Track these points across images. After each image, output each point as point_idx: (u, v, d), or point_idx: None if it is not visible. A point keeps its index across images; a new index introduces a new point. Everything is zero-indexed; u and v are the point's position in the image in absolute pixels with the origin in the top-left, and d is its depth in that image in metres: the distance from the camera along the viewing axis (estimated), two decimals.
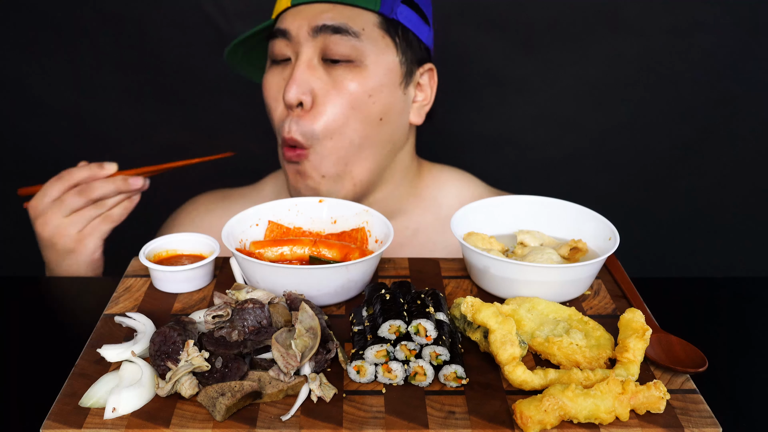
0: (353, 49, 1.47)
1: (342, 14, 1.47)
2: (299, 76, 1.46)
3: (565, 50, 2.20)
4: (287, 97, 1.46)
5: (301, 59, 1.48)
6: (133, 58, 2.23)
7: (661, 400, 0.92)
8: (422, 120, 1.63)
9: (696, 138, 2.29)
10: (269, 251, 1.24)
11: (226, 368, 0.96)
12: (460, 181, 1.77)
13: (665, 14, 2.15)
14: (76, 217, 1.46)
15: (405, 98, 1.57)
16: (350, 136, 1.49)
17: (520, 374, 0.96)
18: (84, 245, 1.47)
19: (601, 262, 1.17)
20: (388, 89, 1.52)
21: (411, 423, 0.91)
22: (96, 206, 1.47)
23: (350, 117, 1.48)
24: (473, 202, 1.33)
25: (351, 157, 1.51)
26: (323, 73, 1.48)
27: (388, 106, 1.52)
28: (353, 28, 1.47)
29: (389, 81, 1.52)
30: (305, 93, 1.46)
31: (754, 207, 2.35)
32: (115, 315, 1.13)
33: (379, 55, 1.49)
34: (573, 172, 2.34)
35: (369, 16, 1.49)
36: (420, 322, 0.99)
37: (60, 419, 0.92)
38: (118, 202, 1.49)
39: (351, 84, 1.47)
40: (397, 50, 1.52)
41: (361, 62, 1.48)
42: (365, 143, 1.52)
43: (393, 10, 1.50)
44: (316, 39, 1.47)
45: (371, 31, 1.49)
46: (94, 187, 1.45)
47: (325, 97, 1.47)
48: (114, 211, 1.49)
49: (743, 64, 2.20)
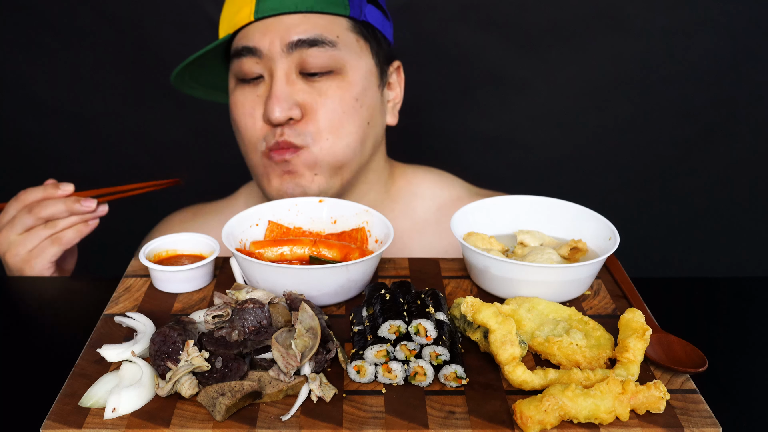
0: (332, 59, 1.42)
1: (314, 24, 1.42)
2: (281, 94, 1.41)
3: (565, 50, 2.21)
4: (273, 116, 1.40)
5: (278, 76, 1.42)
6: (133, 58, 2.23)
7: (661, 400, 0.92)
8: (397, 120, 1.60)
9: (696, 138, 2.29)
10: (269, 251, 1.24)
11: (226, 368, 0.96)
12: (434, 182, 1.72)
13: (665, 14, 2.15)
14: (28, 237, 1.42)
15: (383, 99, 1.56)
16: (346, 139, 1.47)
17: (520, 374, 0.96)
18: (31, 265, 1.43)
19: (601, 262, 1.17)
20: (370, 92, 1.49)
21: (411, 423, 0.91)
22: (47, 226, 1.43)
23: (344, 122, 1.45)
24: (473, 203, 1.33)
25: (346, 160, 1.48)
26: (305, 86, 1.44)
27: (372, 109, 1.50)
28: (329, 38, 1.42)
29: (370, 84, 1.49)
30: (292, 108, 1.41)
31: (754, 207, 2.36)
32: (115, 315, 1.13)
33: (357, 60, 1.46)
34: (573, 172, 2.34)
35: (340, 21, 1.45)
36: (420, 322, 0.99)
37: (60, 419, 0.92)
38: (70, 225, 1.44)
39: (337, 93, 1.44)
40: (371, 52, 1.50)
41: (342, 70, 1.44)
42: (359, 148, 1.49)
43: (362, 11, 1.46)
44: (291, 54, 1.41)
45: (346, 37, 1.45)
46: (44, 206, 1.42)
47: (315, 105, 1.43)
48: (65, 233, 1.43)
49: (743, 64, 2.20)
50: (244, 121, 1.48)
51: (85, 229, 1.45)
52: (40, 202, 1.43)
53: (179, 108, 2.29)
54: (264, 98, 1.44)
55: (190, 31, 2.19)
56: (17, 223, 1.42)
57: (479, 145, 2.34)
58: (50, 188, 1.44)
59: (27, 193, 1.44)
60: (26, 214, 1.42)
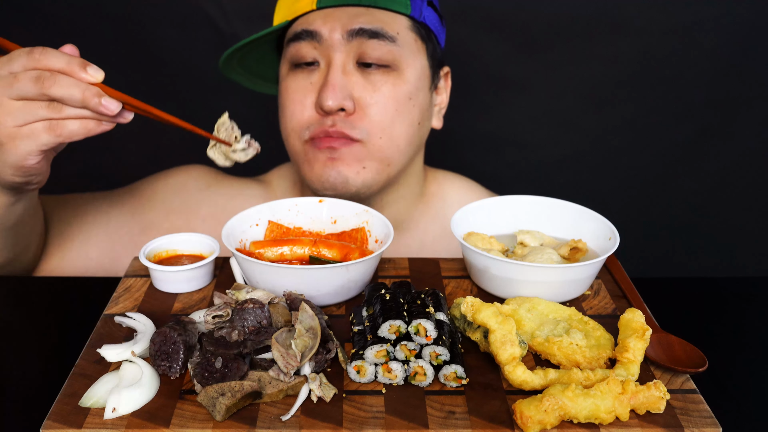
0: (390, 53, 1.43)
1: (376, 17, 1.44)
2: (337, 82, 1.41)
3: (565, 50, 2.21)
4: (326, 103, 1.40)
5: (335, 63, 1.43)
6: (133, 58, 2.23)
7: (661, 400, 0.92)
8: (442, 124, 1.62)
9: (696, 138, 2.29)
10: (269, 251, 1.24)
11: (226, 368, 0.96)
12: (463, 189, 1.75)
13: (665, 14, 2.15)
14: (22, 108, 1.08)
15: (432, 102, 1.57)
16: (397, 137, 1.47)
17: (520, 374, 0.96)
18: (15, 145, 1.10)
19: (601, 262, 1.17)
20: (422, 93, 1.50)
21: (411, 423, 0.91)
22: (49, 107, 1.08)
23: (396, 120, 1.45)
24: (473, 203, 1.33)
25: (393, 158, 1.49)
26: (360, 78, 1.44)
27: (423, 110, 1.51)
28: (389, 33, 1.43)
29: (423, 85, 1.50)
30: (346, 98, 1.41)
31: (753, 207, 2.35)
32: (115, 315, 1.13)
33: (414, 59, 1.48)
34: (573, 172, 2.34)
35: (401, 19, 1.47)
36: (420, 322, 0.99)
37: (60, 419, 0.92)
38: (78, 116, 1.10)
39: (391, 88, 1.44)
40: (427, 54, 1.51)
41: (397, 67, 1.45)
42: (408, 147, 1.50)
43: (421, 13, 1.48)
44: (351, 43, 1.42)
45: (405, 34, 1.46)
46: (57, 81, 1.07)
47: (368, 100, 1.43)
48: (68, 122, 1.09)
49: (743, 64, 2.20)
50: (292, 108, 1.48)
51: (94, 128, 1.12)
52: (54, 74, 1.07)
53: (179, 108, 2.28)
54: (317, 86, 1.44)
55: (190, 31, 2.19)
56: (16, 85, 1.07)
57: (479, 145, 2.34)
58: (75, 64, 1.09)
59: (44, 54, 1.08)
60: (31, 81, 1.07)
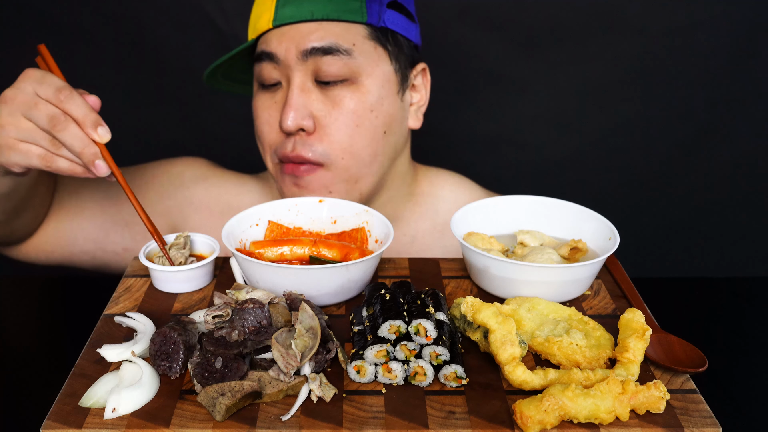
0: (347, 67, 1.42)
1: (330, 32, 1.42)
2: (295, 102, 1.41)
3: (565, 50, 2.21)
4: (286, 125, 1.41)
5: (294, 84, 1.42)
6: (133, 58, 2.23)
7: (661, 400, 0.92)
8: (420, 123, 1.60)
9: (696, 138, 2.29)
10: (269, 251, 1.24)
11: (226, 368, 0.96)
12: (456, 185, 1.73)
13: (665, 14, 2.15)
14: (27, 130, 1.17)
15: (403, 105, 1.54)
16: (359, 154, 1.46)
17: (520, 374, 0.96)
18: (8, 153, 1.19)
19: (601, 262, 1.17)
20: (387, 101, 1.48)
21: (411, 423, 0.91)
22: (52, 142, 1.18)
23: (356, 135, 1.45)
24: (473, 203, 1.33)
25: (360, 174, 1.48)
26: (319, 95, 1.43)
27: (389, 117, 1.49)
28: (344, 46, 1.41)
29: (387, 92, 1.48)
30: (305, 118, 1.41)
31: (754, 207, 2.35)
32: (115, 315, 1.13)
33: (374, 68, 1.45)
34: (573, 172, 2.34)
35: (357, 28, 1.44)
36: (420, 322, 0.99)
37: (60, 419, 0.92)
38: (71, 159, 1.19)
39: (351, 103, 1.43)
40: (391, 59, 1.48)
41: (357, 79, 1.44)
42: (374, 160, 1.49)
43: (380, 18, 1.45)
44: (306, 62, 1.41)
45: (362, 44, 1.44)
46: (66, 128, 1.16)
47: (327, 118, 1.43)
48: (60, 160, 1.19)
49: (743, 64, 2.20)
50: (261, 128, 1.50)
51: (81, 173, 1.21)
52: (68, 119, 1.16)
53: (179, 108, 2.28)
54: (281, 105, 1.45)
55: (190, 31, 2.19)
56: (33, 110, 1.16)
57: (479, 145, 2.34)
58: (90, 120, 1.17)
59: (69, 99, 1.17)
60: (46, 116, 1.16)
